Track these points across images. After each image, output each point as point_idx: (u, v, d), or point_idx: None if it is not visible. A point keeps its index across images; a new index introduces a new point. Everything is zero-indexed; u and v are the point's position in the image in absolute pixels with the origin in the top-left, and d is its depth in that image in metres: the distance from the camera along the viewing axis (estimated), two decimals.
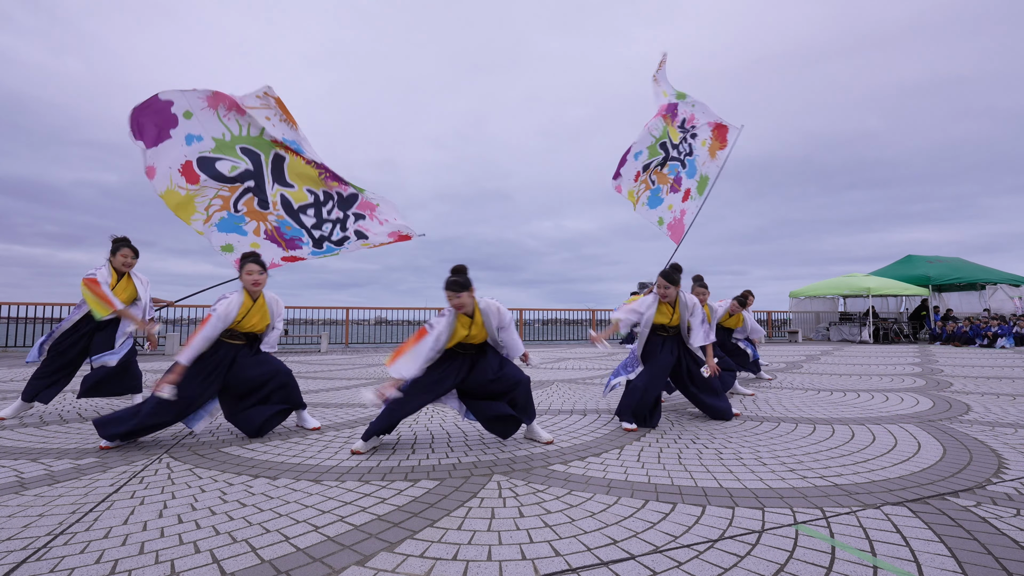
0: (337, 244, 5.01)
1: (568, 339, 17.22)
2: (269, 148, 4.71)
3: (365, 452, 2.93)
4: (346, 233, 5.05)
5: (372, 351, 12.66)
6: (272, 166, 4.77)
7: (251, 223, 4.76)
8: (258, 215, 4.79)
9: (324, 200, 4.97)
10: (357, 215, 5.07)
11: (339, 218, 5.02)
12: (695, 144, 6.47)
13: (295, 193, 4.87)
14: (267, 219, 4.83)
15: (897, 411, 4.15)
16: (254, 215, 4.78)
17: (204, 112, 4.42)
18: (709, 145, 6.65)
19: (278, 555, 1.67)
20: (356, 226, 5.08)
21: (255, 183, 4.72)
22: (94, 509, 2.07)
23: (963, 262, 18.60)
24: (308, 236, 4.95)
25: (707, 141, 6.65)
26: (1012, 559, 1.62)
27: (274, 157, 4.76)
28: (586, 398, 4.89)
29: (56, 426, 3.69)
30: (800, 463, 2.68)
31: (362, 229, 5.09)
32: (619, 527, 1.87)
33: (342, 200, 5.02)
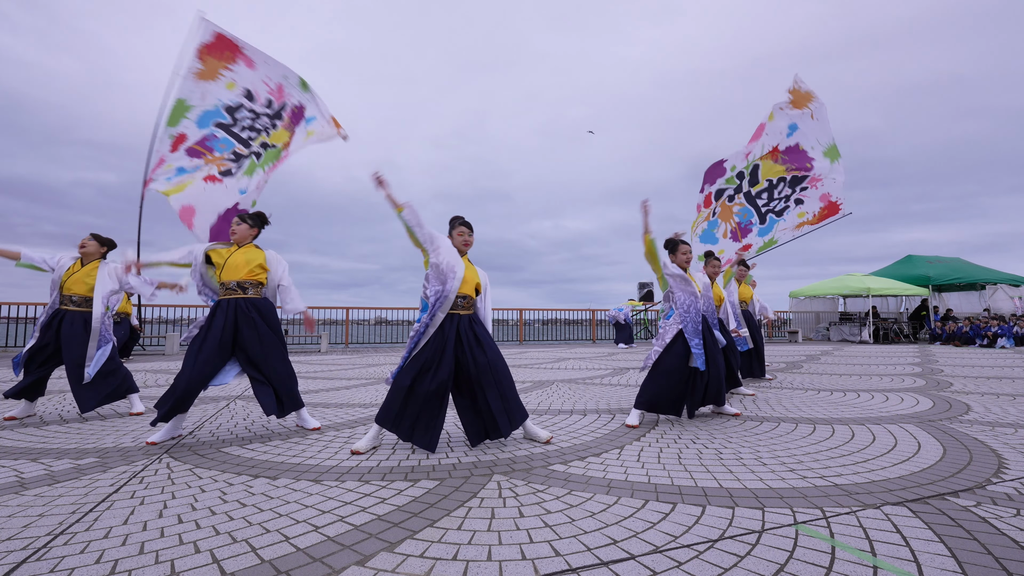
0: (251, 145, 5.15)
1: (568, 339, 17.22)
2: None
3: (365, 452, 2.93)
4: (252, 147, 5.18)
5: (372, 351, 12.66)
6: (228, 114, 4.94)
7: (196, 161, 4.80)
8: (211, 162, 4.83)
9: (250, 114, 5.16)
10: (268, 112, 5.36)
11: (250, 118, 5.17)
12: (792, 211, 5.65)
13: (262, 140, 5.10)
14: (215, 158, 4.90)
15: (897, 411, 4.15)
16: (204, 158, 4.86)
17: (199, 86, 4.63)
18: (806, 220, 5.77)
19: (278, 555, 1.67)
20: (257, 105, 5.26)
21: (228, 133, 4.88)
22: (94, 509, 2.07)
23: (963, 262, 18.61)
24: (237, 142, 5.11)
25: (806, 214, 5.75)
26: (1012, 559, 1.62)
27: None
28: (586, 398, 4.89)
29: (56, 426, 3.69)
30: (800, 463, 2.68)
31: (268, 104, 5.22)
32: (619, 527, 1.87)
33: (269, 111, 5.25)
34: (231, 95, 5.38)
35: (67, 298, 3.94)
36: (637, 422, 3.59)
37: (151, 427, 3.40)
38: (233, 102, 5.36)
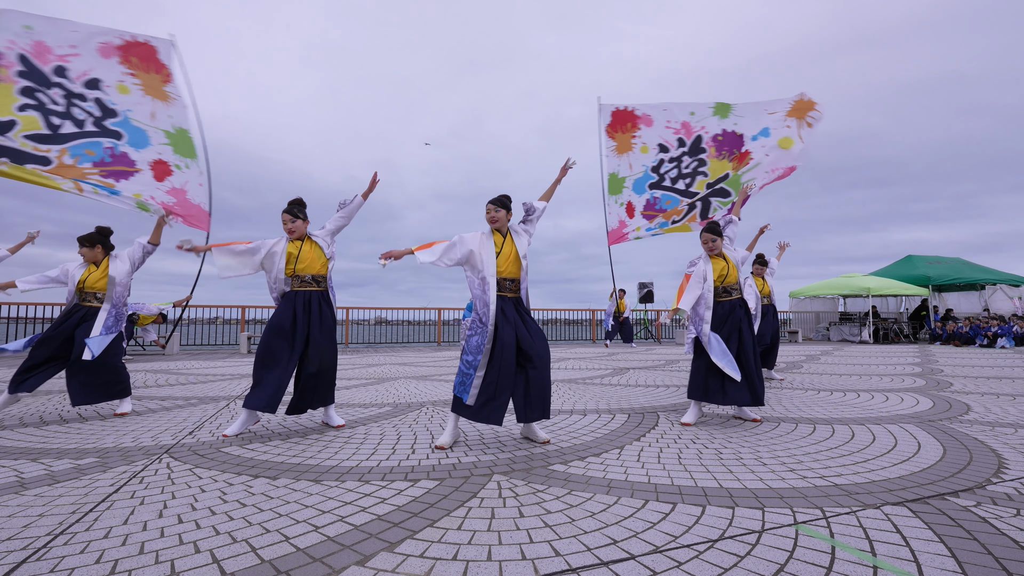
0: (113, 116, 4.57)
1: (568, 339, 17.22)
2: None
3: (448, 446, 3.01)
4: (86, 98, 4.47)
5: (372, 351, 12.66)
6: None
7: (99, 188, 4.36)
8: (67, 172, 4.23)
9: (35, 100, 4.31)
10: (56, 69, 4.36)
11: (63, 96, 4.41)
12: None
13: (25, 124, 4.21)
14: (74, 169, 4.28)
15: (897, 411, 4.15)
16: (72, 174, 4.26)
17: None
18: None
19: (278, 555, 1.67)
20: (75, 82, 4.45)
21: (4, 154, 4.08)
22: (94, 509, 2.07)
23: (963, 262, 18.61)
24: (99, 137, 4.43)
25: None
26: (1012, 559, 1.62)
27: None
28: (586, 398, 4.89)
29: (56, 426, 3.69)
30: (800, 463, 2.68)
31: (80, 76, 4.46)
32: (619, 527, 1.87)
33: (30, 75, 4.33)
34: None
35: (90, 295, 4.05)
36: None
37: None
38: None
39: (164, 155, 4.68)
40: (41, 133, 4.23)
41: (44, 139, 4.25)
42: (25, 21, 4.21)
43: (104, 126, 4.52)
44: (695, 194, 6.54)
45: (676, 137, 6.42)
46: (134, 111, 4.66)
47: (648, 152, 6.45)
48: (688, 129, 6.34)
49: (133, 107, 4.67)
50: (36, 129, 4.22)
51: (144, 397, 5.01)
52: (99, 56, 4.57)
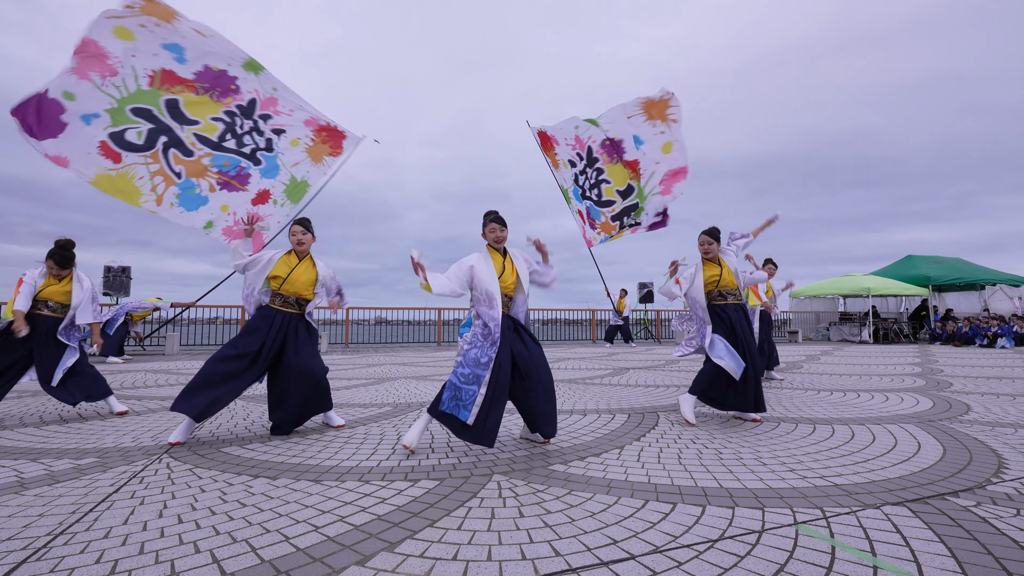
0: (268, 150, 4.91)
1: (568, 339, 17.22)
2: (155, 96, 4.45)
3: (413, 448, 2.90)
4: (265, 135, 4.92)
5: (372, 351, 12.66)
6: (169, 112, 4.53)
7: (201, 183, 4.60)
8: (195, 168, 4.60)
9: (231, 120, 4.80)
10: (263, 116, 4.96)
11: (251, 127, 4.89)
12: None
13: (204, 127, 4.68)
14: (205, 168, 4.63)
15: (897, 411, 4.15)
16: (193, 170, 4.59)
17: (80, 86, 4.12)
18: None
19: (278, 555, 1.67)
20: (269, 125, 4.97)
21: (167, 137, 4.49)
22: (94, 509, 2.07)
23: (963, 262, 18.61)
24: (243, 158, 4.80)
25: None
26: (1012, 559, 1.62)
27: (166, 103, 4.51)
28: (586, 398, 4.89)
29: (56, 426, 3.69)
30: (800, 463, 2.68)
31: (276, 126, 4.97)
32: (619, 527, 1.87)
33: (244, 110, 4.87)
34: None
35: (42, 303, 3.91)
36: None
37: None
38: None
39: (274, 189, 5.05)
40: (208, 138, 4.72)
41: (205, 142, 4.70)
42: (274, 84, 5.01)
43: (255, 155, 4.97)
44: (610, 202, 6.76)
45: (575, 152, 6.77)
46: (286, 155, 5.13)
47: (568, 168, 6.84)
48: (580, 143, 6.69)
49: (287, 152, 5.15)
50: (208, 134, 4.72)
51: (144, 397, 5.01)
52: (302, 123, 5.24)
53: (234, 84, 4.74)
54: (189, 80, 4.57)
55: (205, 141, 4.69)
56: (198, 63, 4.58)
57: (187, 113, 4.62)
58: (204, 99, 4.68)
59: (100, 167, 4.23)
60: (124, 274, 11.15)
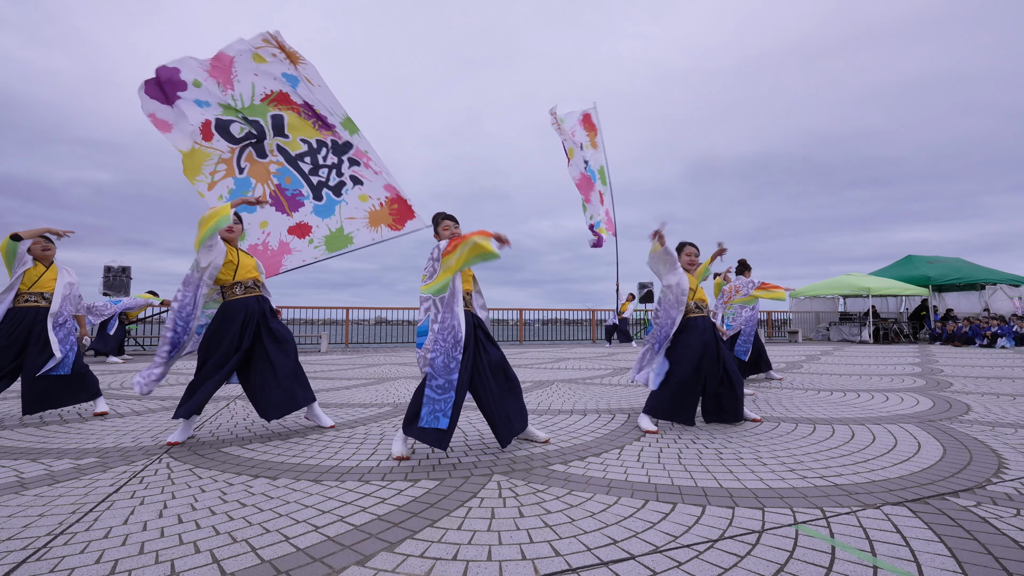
0: (336, 192, 4.94)
1: (568, 339, 17.22)
2: (265, 111, 4.74)
3: (407, 455, 2.82)
4: (342, 178, 4.98)
5: (372, 351, 12.66)
6: (272, 124, 4.78)
7: (257, 188, 4.70)
8: (260, 171, 4.75)
9: (318, 147, 4.94)
10: (352, 160, 5.01)
11: (334, 163, 4.98)
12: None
13: (290, 143, 4.87)
14: (268, 175, 4.78)
15: (897, 411, 4.15)
16: (256, 172, 4.73)
17: (208, 82, 4.48)
18: (589, 140, 6.65)
19: (278, 555, 1.67)
20: (351, 171, 5.01)
21: (256, 139, 4.75)
22: (94, 509, 2.07)
23: (963, 262, 18.60)
24: (307, 186, 4.90)
25: (585, 141, 6.54)
26: (1012, 559, 1.62)
27: (272, 117, 4.77)
28: (586, 398, 4.89)
29: (56, 426, 3.69)
30: (800, 463, 2.68)
31: (357, 175, 5.02)
32: (619, 527, 1.87)
33: (336, 147, 4.99)
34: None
35: (36, 295, 3.91)
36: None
37: None
38: None
39: (317, 229, 5.04)
40: (288, 151, 4.89)
41: (283, 153, 4.87)
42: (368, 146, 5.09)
43: (320, 191, 4.99)
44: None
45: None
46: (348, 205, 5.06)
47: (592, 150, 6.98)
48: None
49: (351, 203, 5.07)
50: (290, 149, 4.91)
51: (144, 397, 5.01)
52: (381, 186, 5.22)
53: (334, 129, 4.96)
54: (296, 104, 4.84)
55: (283, 151, 4.85)
56: (307, 99, 4.86)
57: (285, 128, 4.85)
58: (307, 124, 4.90)
59: (194, 140, 4.47)
60: (124, 274, 11.15)
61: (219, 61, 4.52)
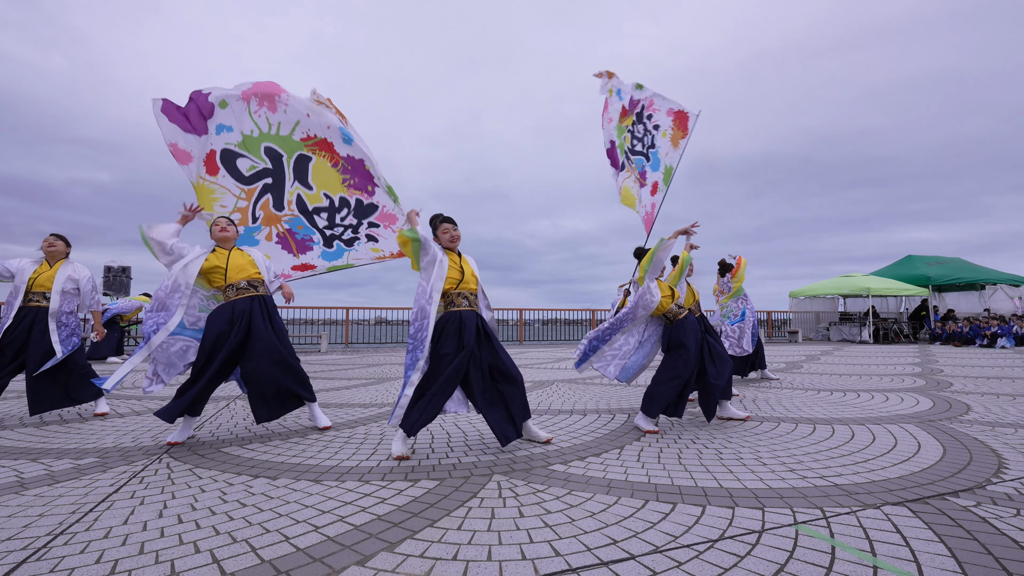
0: (348, 244, 4.89)
1: (568, 339, 17.22)
2: (295, 148, 4.55)
3: (408, 454, 2.85)
4: (356, 235, 4.92)
5: (372, 351, 12.66)
6: (295, 166, 4.60)
7: (264, 230, 4.61)
8: (272, 219, 4.65)
9: (340, 206, 4.82)
10: (372, 224, 4.92)
11: (352, 224, 4.88)
12: (657, 135, 6.08)
13: (312, 196, 4.73)
14: (278, 221, 4.68)
15: (897, 411, 4.15)
16: (268, 220, 4.63)
17: (237, 103, 4.25)
18: (671, 135, 6.37)
19: (278, 555, 1.67)
20: (368, 231, 4.94)
21: (273, 181, 4.56)
22: (94, 509, 2.07)
23: (963, 262, 18.61)
24: (319, 235, 4.84)
25: (668, 131, 6.34)
26: (1012, 559, 1.62)
27: (298, 158, 4.58)
28: (586, 398, 4.89)
29: (56, 426, 3.69)
30: (800, 463, 2.68)
31: (374, 234, 4.97)
32: (619, 527, 1.87)
33: (360, 208, 4.87)
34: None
35: (38, 295, 3.92)
36: None
37: None
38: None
39: (320, 267, 4.99)
40: (305, 203, 4.75)
41: (300, 207, 4.74)
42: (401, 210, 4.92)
43: (331, 240, 4.91)
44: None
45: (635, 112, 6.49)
46: (358, 251, 4.98)
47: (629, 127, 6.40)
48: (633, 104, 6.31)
49: (360, 251, 4.98)
50: (309, 202, 4.75)
51: (144, 397, 5.01)
52: (395, 243, 5.06)
53: (371, 187, 4.80)
54: (339, 155, 4.64)
55: (300, 204, 4.70)
56: (357, 154, 4.67)
57: (309, 176, 4.66)
58: (335, 176, 4.70)
59: (198, 175, 4.27)
60: (124, 274, 11.16)
61: (266, 87, 4.30)
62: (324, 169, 4.67)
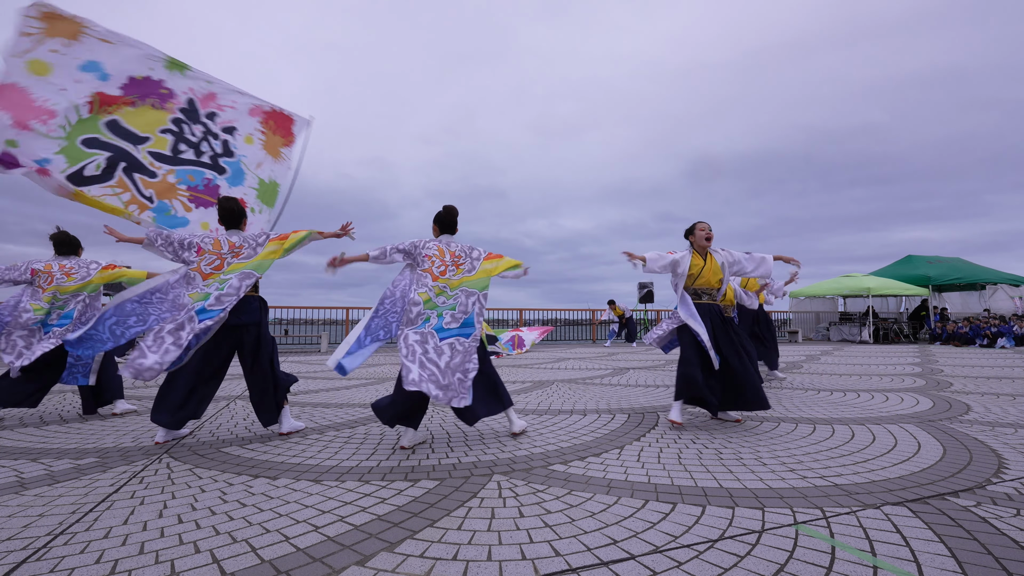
0: (228, 156, 4.66)
1: (568, 339, 17.22)
2: (95, 121, 4.05)
3: (411, 446, 3.02)
4: (220, 137, 4.64)
5: None
6: (113, 133, 4.11)
7: (174, 203, 4.30)
8: (164, 188, 4.28)
9: (178, 128, 4.44)
10: (209, 114, 4.61)
11: (203, 132, 4.57)
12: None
13: (156, 143, 4.32)
14: (173, 188, 4.33)
15: (897, 411, 4.15)
16: (163, 191, 4.27)
17: (24, 135, 3.70)
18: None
19: (278, 555, 1.67)
20: (219, 124, 4.66)
21: (126, 161, 4.14)
22: (94, 509, 2.07)
23: (963, 262, 18.61)
24: (207, 169, 4.53)
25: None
26: (1012, 559, 1.62)
27: (106, 125, 4.09)
28: (586, 398, 4.89)
29: (56, 426, 3.69)
30: (800, 463, 2.68)
31: (224, 124, 4.66)
32: (619, 527, 1.87)
33: (188, 113, 4.50)
34: None
35: None
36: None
37: None
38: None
39: (248, 196, 4.86)
40: (163, 153, 4.44)
41: (162, 159, 4.45)
42: (208, 79, 4.71)
43: (217, 162, 4.74)
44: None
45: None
46: (248, 157, 4.91)
47: None
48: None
49: (248, 154, 4.92)
50: (161, 149, 4.44)
51: (144, 397, 5.01)
52: (247, 114, 4.98)
53: (164, 88, 4.34)
54: (120, 97, 4.15)
55: (161, 157, 4.33)
56: (121, 76, 4.16)
57: (133, 129, 4.21)
58: (145, 109, 4.28)
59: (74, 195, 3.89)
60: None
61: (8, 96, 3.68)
62: (132, 115, 4.22)
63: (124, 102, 4.21)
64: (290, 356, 10.93)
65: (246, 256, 3.37)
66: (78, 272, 4.08)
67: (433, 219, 3.51)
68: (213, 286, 3.22)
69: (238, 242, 3.41)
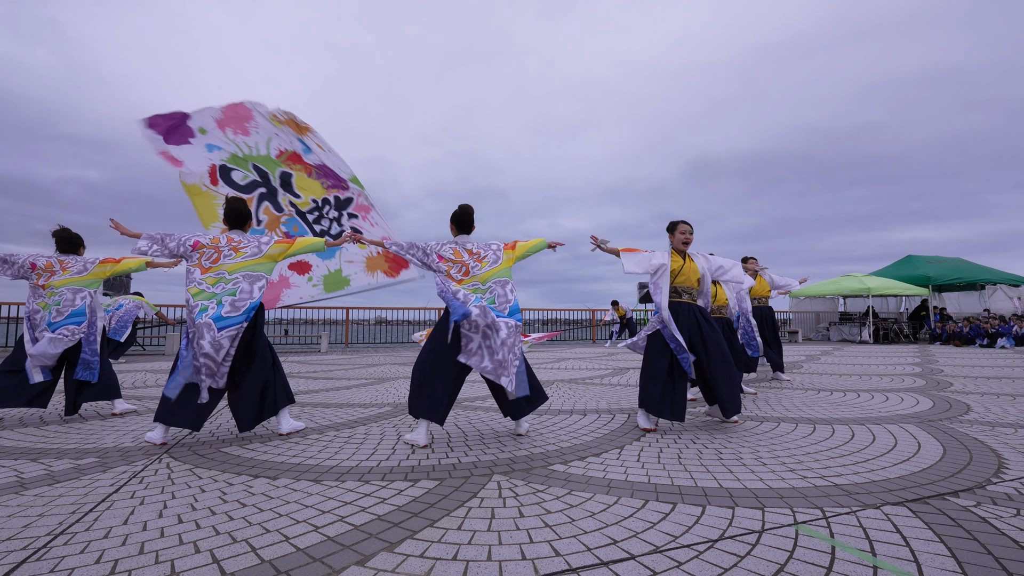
0: (334, 237, 5.38)
1: (568, 339, 17.22)
2: (275, 166, 5.22)
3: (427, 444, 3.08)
4: (342, 228, 5.51)
5: (372, 351, 12.66)
6: (280, 181, 5.28)
7: (267, 234, 5.10)
8: (274, 222, 5.26)
9: (323, 205, 5.48)
10: (351, 215, 5.56)
11: (335, 217, 5.52)
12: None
13: (301, 202, 5.41)
14: (279, 223, 5.31)
15: (897, 411, 4.15)
16: (271, 224, 5.24)
17: (215, 132, 4.87)
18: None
19: (278, 555, 1.67)
20: (351, 223, 5.57)
21: (267, 190, 5.21)
22: (94, 509, 2.07)
23: (963, 262, 18.60)
24: (311, 232, 5.41)
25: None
26: (1012, 559, 1.62)
27: (281, 174, 5.27)
28: (586, 398, 4.89)
29: (56, 426, 3.69)
30: (800, 463, 2.68)
31: (356, 227, 5.55)
32: (619, 527, 1.87)
33: (339, 202, 5.52)
34: None
35: None
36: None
37: None
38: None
39: (317, 268, 5.54)
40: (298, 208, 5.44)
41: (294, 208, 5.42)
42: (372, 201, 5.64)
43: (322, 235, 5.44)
44: None
45: None
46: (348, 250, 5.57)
47: None
48: None
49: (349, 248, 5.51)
50: (300, 207, 5.47)
51: (144, 397, 5.01)
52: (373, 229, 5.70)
53: (344, 184, 5.48)
54: (310, 165, 5.32)
55: (294, 207, 5.41)
56: (317, 159, 5.32)
57: (295, 187, 5.37)
58: (315, 184, 5.41)
59: (201, 181, 4.87)
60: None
61: (234, 111, 4.88)
62: (304, 180, 5.38)
63: (306, 169, 5.35)
64: (290, 356, 10.93)
65: (250, 254, 3.36)
66: (74, 266, 4.09)
67: (450, 219, 3.49)
68: (219, 285, 3.22)
69: (238, 238, 3.41)
